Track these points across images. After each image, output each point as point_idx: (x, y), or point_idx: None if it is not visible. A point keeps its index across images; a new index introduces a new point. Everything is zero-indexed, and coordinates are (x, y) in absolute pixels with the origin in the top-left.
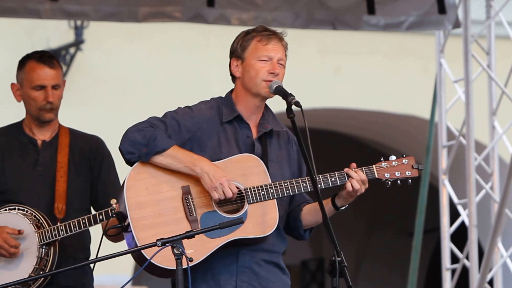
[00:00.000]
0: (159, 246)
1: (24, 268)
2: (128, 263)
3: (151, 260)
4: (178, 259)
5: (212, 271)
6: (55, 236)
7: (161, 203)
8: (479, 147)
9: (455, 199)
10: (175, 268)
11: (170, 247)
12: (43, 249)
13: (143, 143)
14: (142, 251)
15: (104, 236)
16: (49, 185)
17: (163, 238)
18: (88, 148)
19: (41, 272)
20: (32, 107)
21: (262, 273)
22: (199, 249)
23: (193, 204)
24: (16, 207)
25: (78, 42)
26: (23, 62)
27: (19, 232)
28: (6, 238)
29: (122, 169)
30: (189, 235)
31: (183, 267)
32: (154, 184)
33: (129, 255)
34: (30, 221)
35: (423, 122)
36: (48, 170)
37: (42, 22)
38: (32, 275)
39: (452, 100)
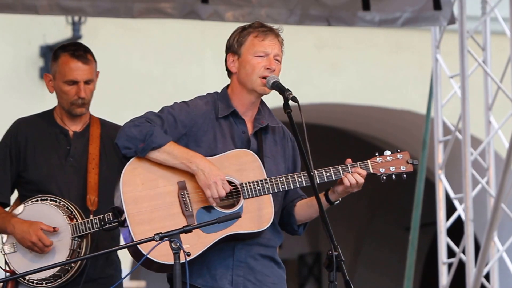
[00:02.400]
0: (156, 241)
1: (56, 260)
2: (125, 258)
3: (148, 255)
4: (176, 253)
5: (208, 265)
6: (89, 229)
7: (157, 198)
8: (475, 142)
9: (452, 194)
10: (171, 263)
11: (167, 241)
12: (76, 242)
13: (140, 138)
14: (138, 246)
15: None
16: (81, 177)
17: (160, 233)
18: None
19: (73, 264)
20: (63, 100)
21: (258, 267)
22: (195, 244)
23: (189, 199)
24: (48, 198)
25: (75, 38)
26: (57, 54)
27: (54, 229)
28: (41, 237)
29: None
30: (187, 230)
31: (181, 262)
32: (150, 179)
33: (126, 250)
34: (63, 213)
35: (419, 117)
36: (80, 162)
37: (40, 17)
38: (64, 267)
39: (448, 95)
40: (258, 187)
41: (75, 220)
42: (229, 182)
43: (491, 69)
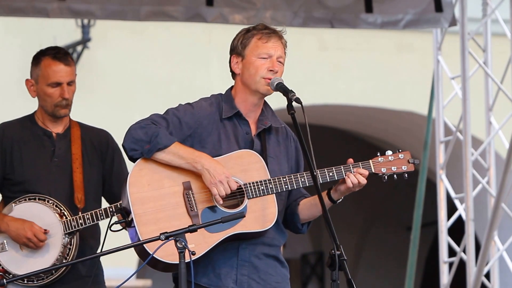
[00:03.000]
0: (162, 240)
1: (49, 256)
2: (132, 257)
3: (154, 255)
4: (181, 252)
5: (213, 264)
6: (81, 225)
7: (163, 199)
8: (475, 142)
9: (452, 194)
10: (176, 262)
11: (173, 241)
12: (67, 238)
13: (146, 140)
14: (144, 245)
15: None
16: (67, 176)
17: (166, 232)
18: (98, 141)
19: (64, 261)
20: (47, 103)
21: (262, 267)
22: (200, 243)
23: (194, 200)
24: (37, 197)
25: (85, 40)
26: (38, 59)
27: (45, 231)
28: (35, 232)
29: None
30: (192, 229)
31: (186, 261)
32: (156, 180)
33: (133, 249)
34: (53, 210)
35: (420, 118)
36: (64, 162)
37: (50, 21)
38: (56, 263)
39: (449, 96)
40: (262, 187)
41: (64, 217)
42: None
43: (492, 70)
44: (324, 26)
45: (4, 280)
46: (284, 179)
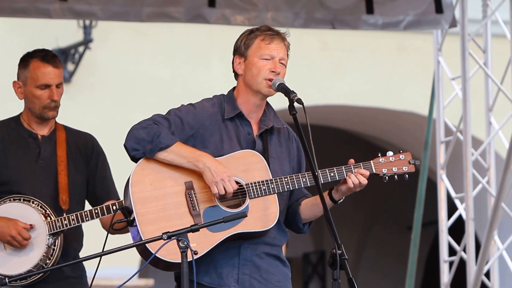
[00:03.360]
0: (164, 240)
1: (33, 256)
2: (134, 256)
3: (156, 254)
4: (183, 252)
5: (215, 264)
6: (65, 226)
7: (165, 198)
8: (476, 142)
9: (453, 193)
10: (178, 261)
11: (175, 240)
12: (51, 239)
13: (148, 139)
14: (146, 245)
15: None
16: (52, 178)
17: (168, 232)
18: (83, 145)
19: (47, 261)
20: (35, 105)
21: (263, 266)
22: (202, 242)
23: (196, 199)
24: (21, 198)
25: (86, 41)
26: (26, 61)
27: (31, 226)
28: (20, 231)
29: (123, 165)
30: (194, 229)
31: (188, 260)
32: (158, 179)
33: (135, 248)
34: (38, 211)
35: (421, 118)
36: (50, 164)
37: (52, 21)
38: (40, 263)
39: (450, 97)
40: (264, 187)
41: (49, 218)
42: (236, 183)
43: (492, 71)
44: (325, 27)
45: (6, 279)
46: (286, 179)
